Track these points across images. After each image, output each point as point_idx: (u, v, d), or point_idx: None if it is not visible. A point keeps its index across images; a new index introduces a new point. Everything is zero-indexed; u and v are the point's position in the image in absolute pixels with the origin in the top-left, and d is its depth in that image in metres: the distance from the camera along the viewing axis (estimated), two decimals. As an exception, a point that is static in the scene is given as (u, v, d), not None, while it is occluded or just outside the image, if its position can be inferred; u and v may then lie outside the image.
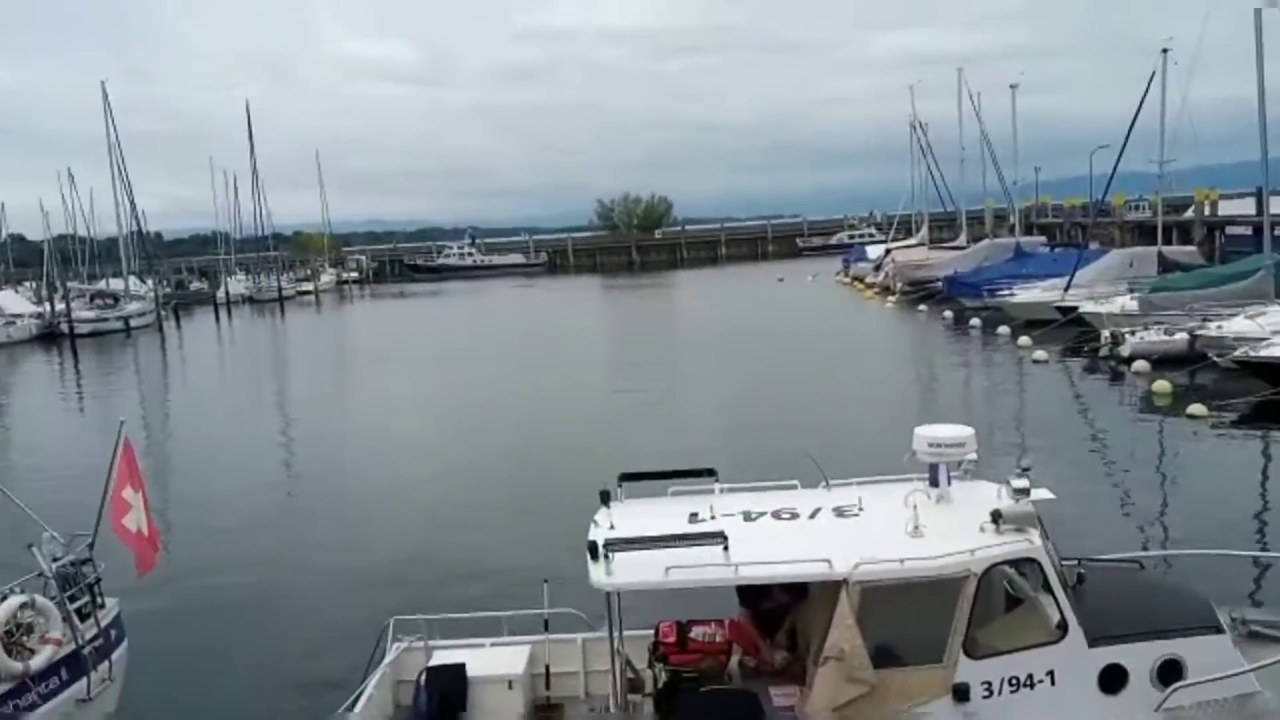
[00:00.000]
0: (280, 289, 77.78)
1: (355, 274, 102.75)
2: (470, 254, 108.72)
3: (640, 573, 6.27)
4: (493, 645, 8.08)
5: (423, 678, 7.63)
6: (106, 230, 77.14)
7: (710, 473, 7.71)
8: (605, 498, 7.55)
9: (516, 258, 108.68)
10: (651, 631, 7.41)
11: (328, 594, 12.36)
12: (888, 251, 57.60)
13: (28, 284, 68.10)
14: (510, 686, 7.65)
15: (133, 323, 56.85)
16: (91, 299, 59.18)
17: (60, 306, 56.84)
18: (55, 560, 8.68)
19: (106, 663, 8.57)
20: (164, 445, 25.35)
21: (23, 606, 7.88)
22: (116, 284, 67.67)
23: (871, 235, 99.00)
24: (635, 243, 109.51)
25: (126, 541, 8.62)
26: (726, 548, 6.25)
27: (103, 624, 8.65)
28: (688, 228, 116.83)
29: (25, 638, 7.86)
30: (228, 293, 74.88)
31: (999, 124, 56.07)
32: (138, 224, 63.47)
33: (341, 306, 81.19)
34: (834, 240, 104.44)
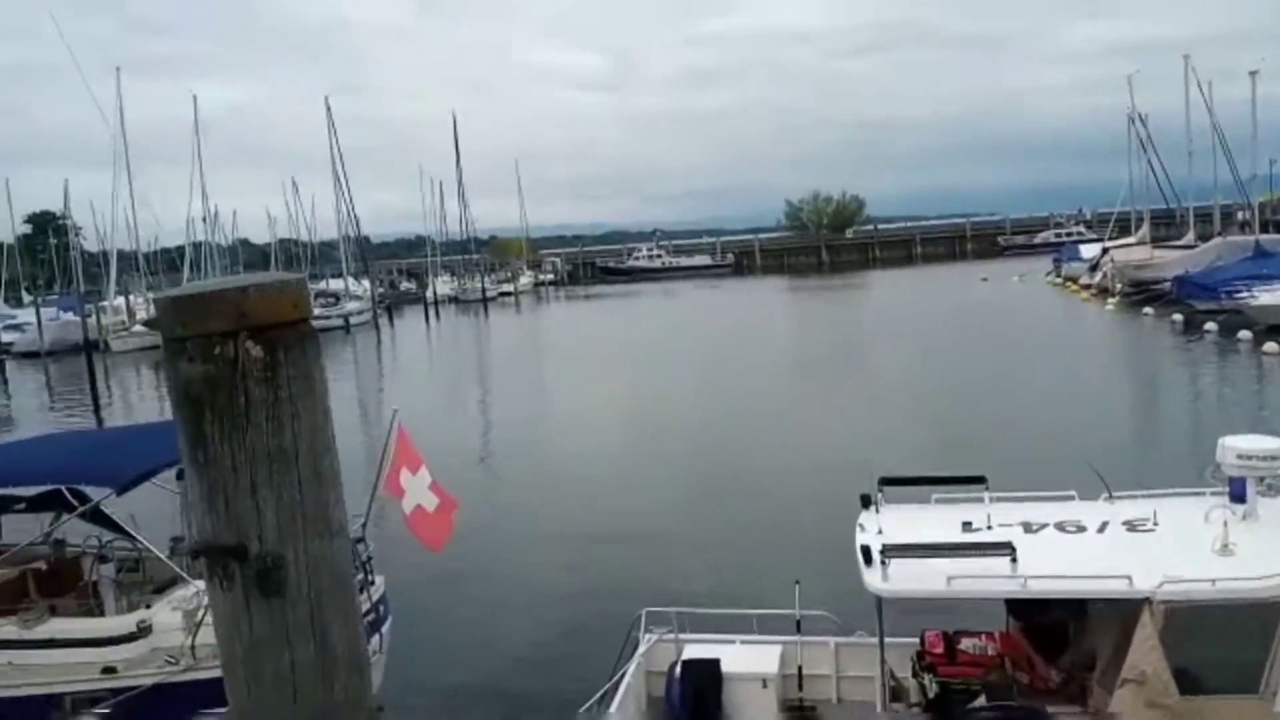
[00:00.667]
0: (484, 290, 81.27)
1: (550, 276, 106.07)
2: (658, 256, 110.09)
3: (920, 581, 6.08)
4: (743, 643, 8.07)
5: (677, 670, 7.70)
6: (323, 234, 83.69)
7: (980, 480, 7.40)
8: (866, 501, 7.40)
9: (703, 259, 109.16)
10: (914, 640, 7.21)
11: (573, 581, 12.64)
12: (1105, 250, 54.05)
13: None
14: (764, 685, 7.63)
15: (352, 320, 60.95)
16: (315, 298, 63.65)
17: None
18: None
19: (378, 636, 9.12)
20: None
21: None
22: (335, 284, 72.91)
23: (1081, 234, 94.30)
24: (825, 242, 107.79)
25: (416, 525, 9.14)
26: (1015, 559, 5.98)
27: (373, 599, 9.21)
28: (880, 227, 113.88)
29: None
30: (434, 293, 78.99)
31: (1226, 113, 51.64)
32: (355, 228, 67.87)
33: (539, 307, 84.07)
34: (1038, 239, 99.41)
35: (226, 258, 77.84)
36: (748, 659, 7.82)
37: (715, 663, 7.69)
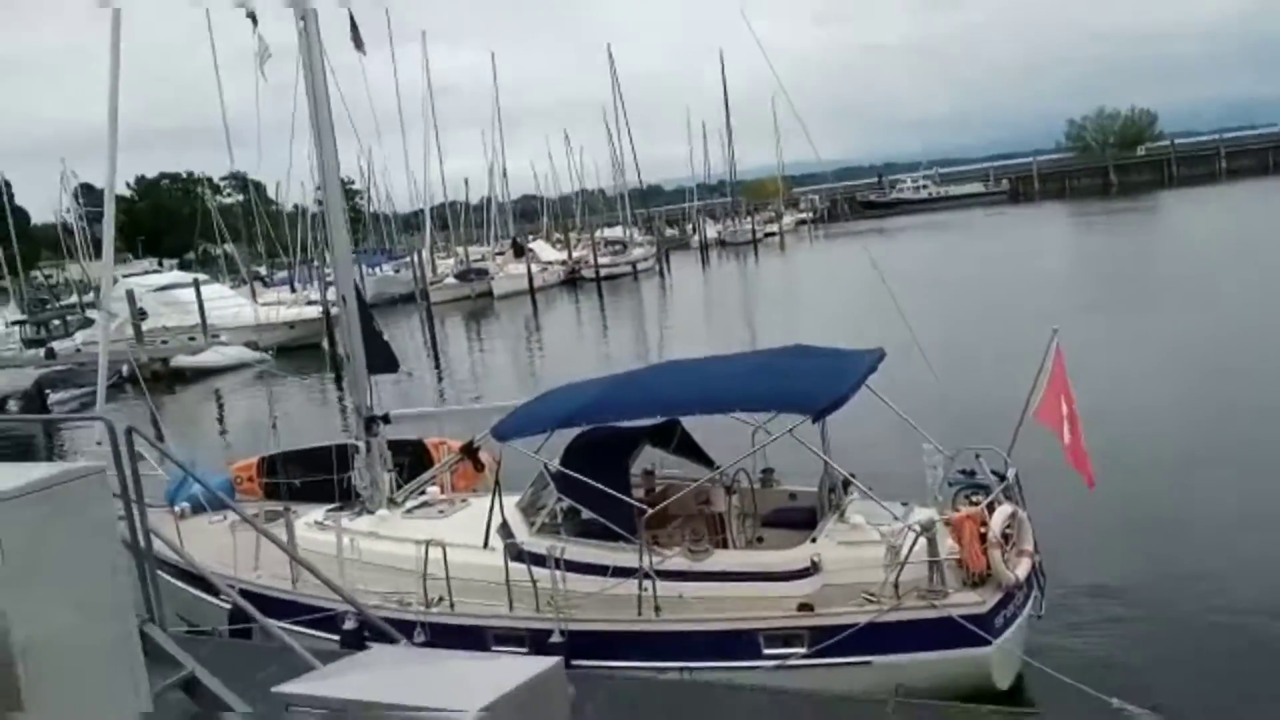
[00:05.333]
0: (754, 232, 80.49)
1: (810, 214, 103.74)
2: (924, 186, 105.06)
3: None
4: None
5: None
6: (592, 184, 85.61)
7: None
8: None
9: (975, 187, 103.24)
10: None
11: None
12: None
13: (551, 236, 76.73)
14: None
15: (639, 267, 61.87)
16: (605, 245, 65.05)
17: (578, 254, 63.39)
18: (961, 474, 8.58)
19: (1043, 578, 8.26)
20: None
21: (1010, 516, 7.70)
22: (610, 232, 74.37)
23: None
24: (1114, 162, 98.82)
25: (1074, 457, 8.20)
26: None
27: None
28: (1177, 141, 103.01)
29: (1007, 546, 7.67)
30: (703, 237, 78.99)
31: None
32: (639, 178, 68.67)
33: (807, 245, 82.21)
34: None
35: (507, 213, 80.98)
36: None
37: None
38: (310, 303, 42.36)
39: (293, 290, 57.67)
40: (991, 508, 7.70)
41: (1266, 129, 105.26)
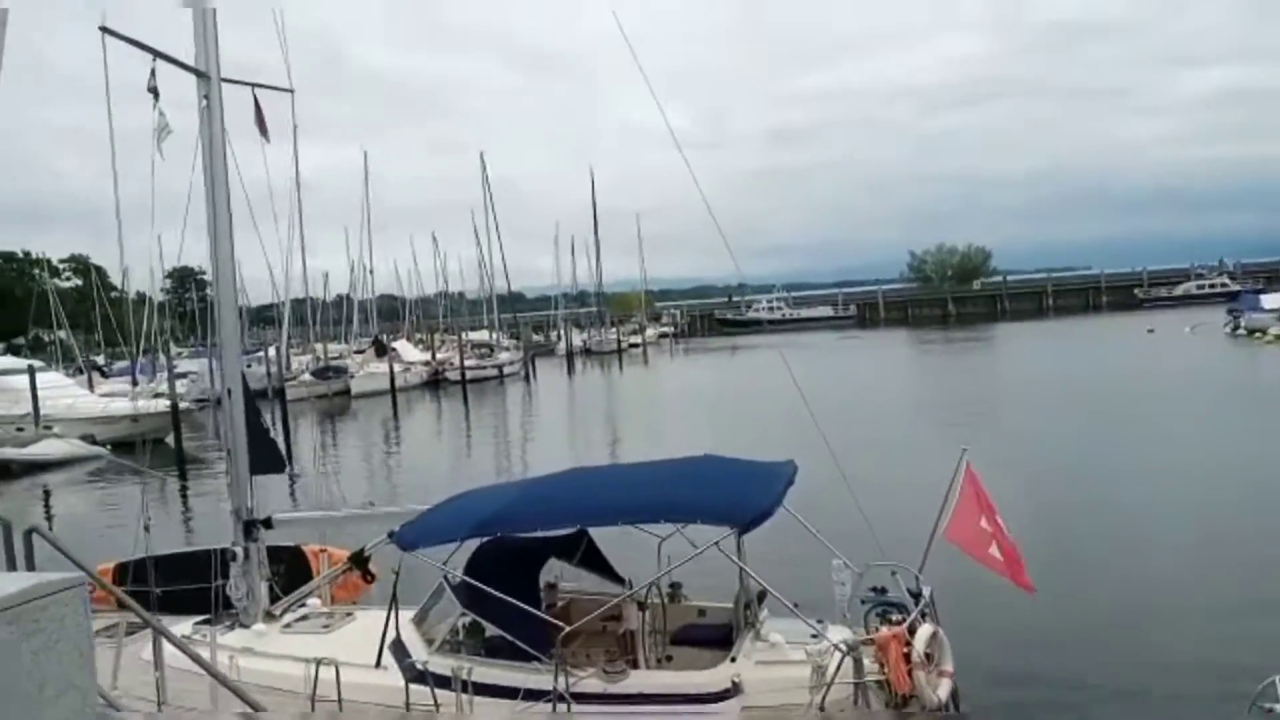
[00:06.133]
0: (619, 342, 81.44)
1: (672, 328, 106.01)
2: (779, 307, 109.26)
3: None
4: None
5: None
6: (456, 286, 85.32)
7: None
8: None
9: (825, 310, 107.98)
10: None
11: (1181, 629, 11.25)
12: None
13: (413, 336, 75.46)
14: None
15: (505, 371, 61.37)
16: (471, 348, 64.38)
17: (442, 355, 62.45)
18: (872, 592, 8.56)
19: (958, 699, 8.20)
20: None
21: (932, 636, 7.65)
22: (474, 335, 73.84)
23: (1225, 285, 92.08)
24: (951, 294, 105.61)
25: (1008, 568, 8.28)
26: None
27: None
28: (1008, 278, 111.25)
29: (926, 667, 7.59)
30: (569, 345, 79.38)
31: None
32: (507, 283, 68.71)
33: (669, 358, 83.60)
34: (1179, 291, 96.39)
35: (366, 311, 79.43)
36: None
37: None
38: (156, 395, 39.94)
39: (134, 382, 54.39)
40: (912, 628, 7.65)
41: (1083, 271, 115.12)
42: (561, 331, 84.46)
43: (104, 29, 8.51)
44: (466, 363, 59.75)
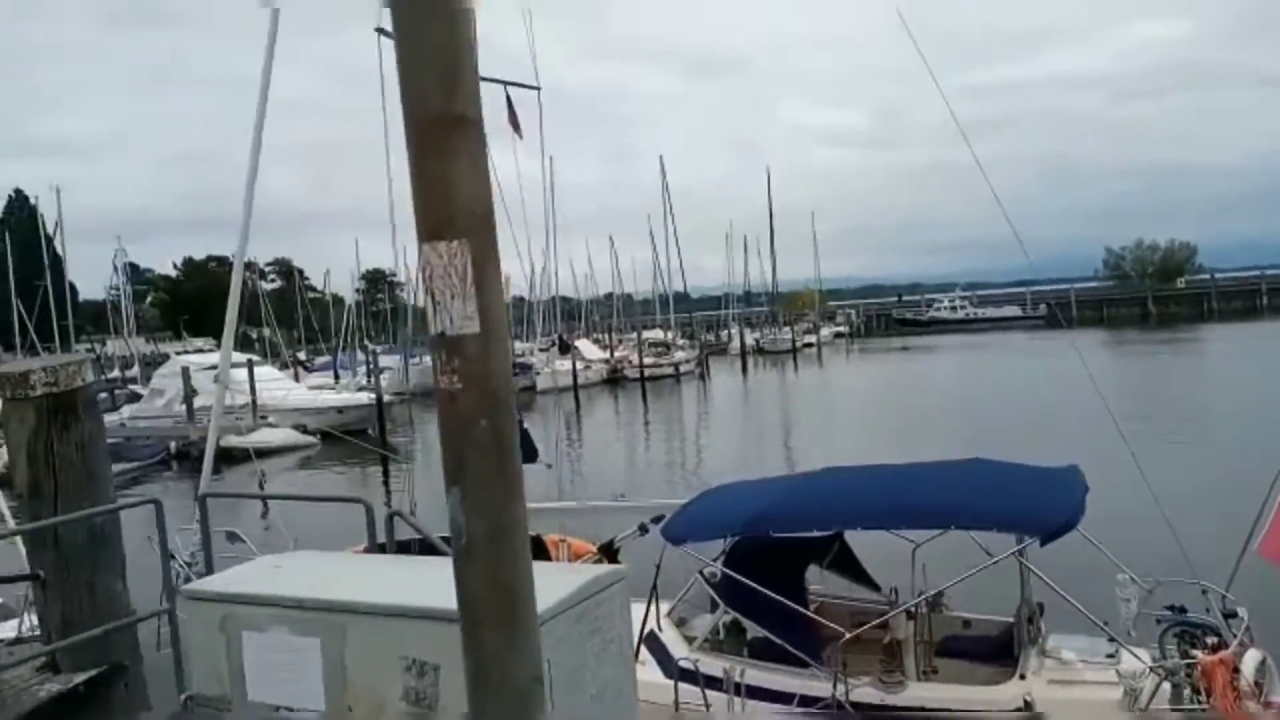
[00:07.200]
0: (794, 341, 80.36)
1: (845, 328, 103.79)
2: (962, 306, 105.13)
3: None
4: None
5: None
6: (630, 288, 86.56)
7: None
8: None
9: (1013, 310, 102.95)
10: None
11: None
12: None
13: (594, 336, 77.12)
14: None
15: (681, 369, 61.57)
16: (649, 347, 65.02)
17: (619, 354, 63.30)
18: (1169, 610, 7.79)
19: None
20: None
21: (1261, 663, 6.91)
22: (653, 334, 74.49)
23: None
24: (1152, 293, 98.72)
25: None
26: None
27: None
28: (1218, 275, 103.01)
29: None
30: (743, 344, 78.88)
31: None
32: (684, 284, 69.06)
33: (844, 359, 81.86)
34: None
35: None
36: None
37: None
38: (361, 389, 42.10)
39: (336, 377, 57.71)
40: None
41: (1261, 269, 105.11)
42: (733, 331, 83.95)
43: (380, 30, 8.75)
44: (645, 361, 60.26)
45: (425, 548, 10.24)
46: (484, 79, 9.56)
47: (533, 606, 1.78)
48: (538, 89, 10.62)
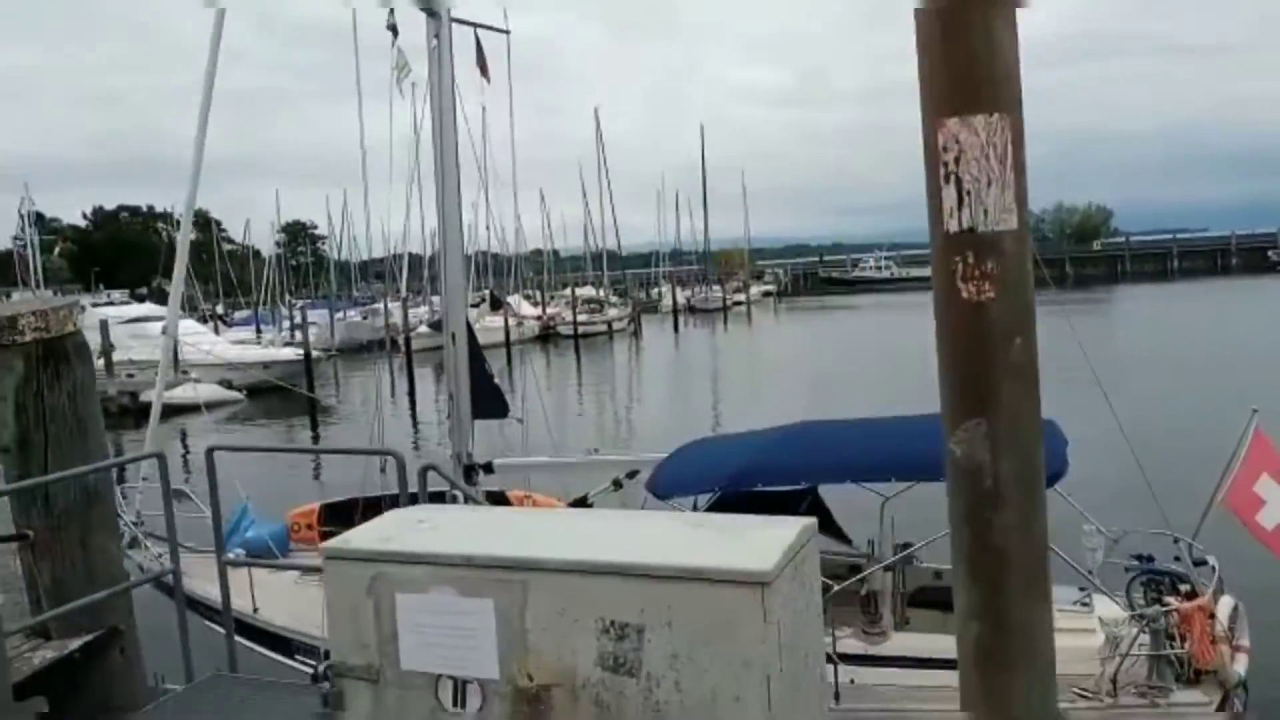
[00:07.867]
0: (725, 300, 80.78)
1: (773, 287, 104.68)
2: (887, 267, 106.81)
3: None
4: None
5: None
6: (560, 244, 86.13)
7: None
8: None
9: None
10: None
11: None
12: None
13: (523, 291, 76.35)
14: None
15: (614, 327, 61.50)
16: (582, 304, 64.68)
17: (552, 310, 62.89)
18: (1136, 560, 8.02)
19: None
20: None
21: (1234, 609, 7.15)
22: (586, 291, 74.12)
23: None
24: (1069, 254, 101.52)
25: (1264, 539, 7.67)
26: None
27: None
28: (1131, 239, 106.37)
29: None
30: (674, 302, 79.02)
31: None
32: (618, 242, 68.70)
33: (774, 316, 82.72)
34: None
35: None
36: None
37: None
38: (287, 344, 41.06)
39: (258, 331, 56.10)
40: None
41: (1216, 233, 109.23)
42: (664, 289, 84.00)
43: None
44: (578, 318, 59.97)
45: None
46: (456, 20, 9.11)
47: (1046, 560, 1.47)
48: (507, 32, 10.27)
